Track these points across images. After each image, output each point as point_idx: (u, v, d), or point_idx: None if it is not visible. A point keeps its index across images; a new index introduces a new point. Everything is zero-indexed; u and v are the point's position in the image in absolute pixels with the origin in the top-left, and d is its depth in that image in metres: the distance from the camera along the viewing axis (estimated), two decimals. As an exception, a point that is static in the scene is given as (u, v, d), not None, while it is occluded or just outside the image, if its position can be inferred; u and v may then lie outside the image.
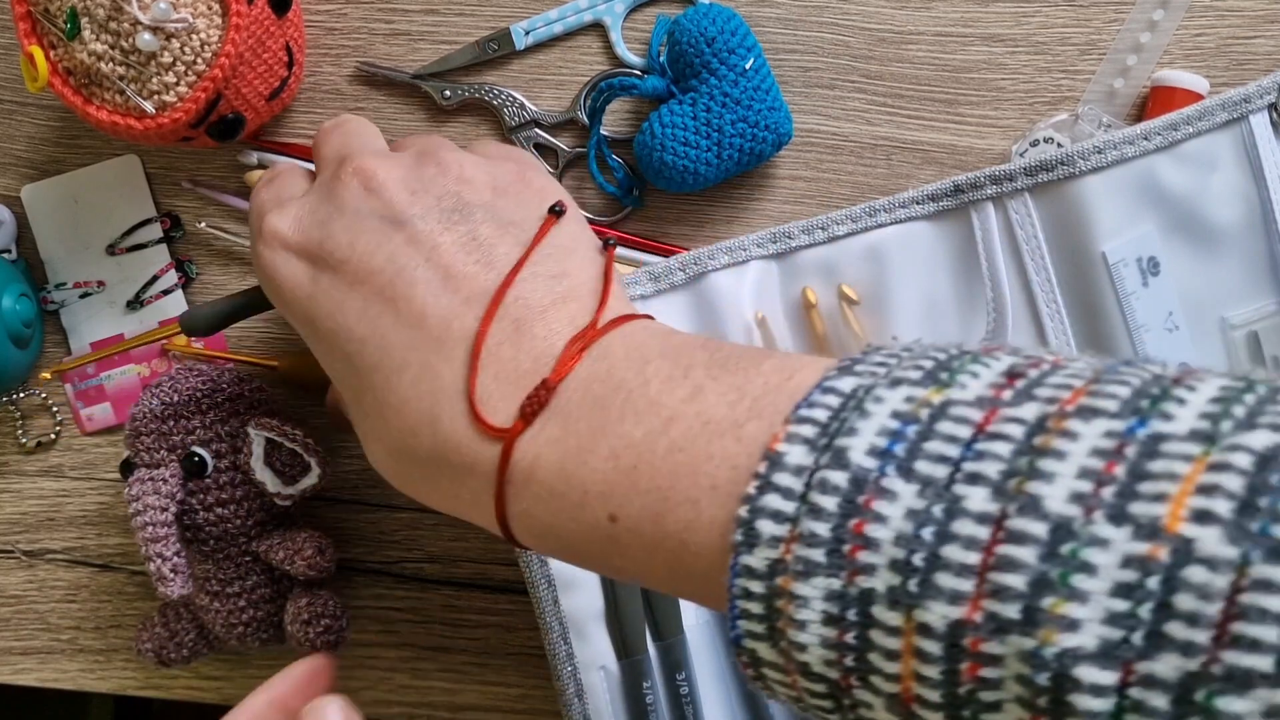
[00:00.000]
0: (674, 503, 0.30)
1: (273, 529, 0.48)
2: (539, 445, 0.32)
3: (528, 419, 0.32)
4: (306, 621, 0.47)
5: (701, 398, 0.30)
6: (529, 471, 0.32)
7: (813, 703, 0.28)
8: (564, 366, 0.33)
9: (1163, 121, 0.46)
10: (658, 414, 0.31)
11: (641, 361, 0.32)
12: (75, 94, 0.46)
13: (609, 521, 0.31)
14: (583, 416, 0.32)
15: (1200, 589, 0.22)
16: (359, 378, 0.35)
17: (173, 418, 0.46)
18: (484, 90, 0.51)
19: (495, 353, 0.34)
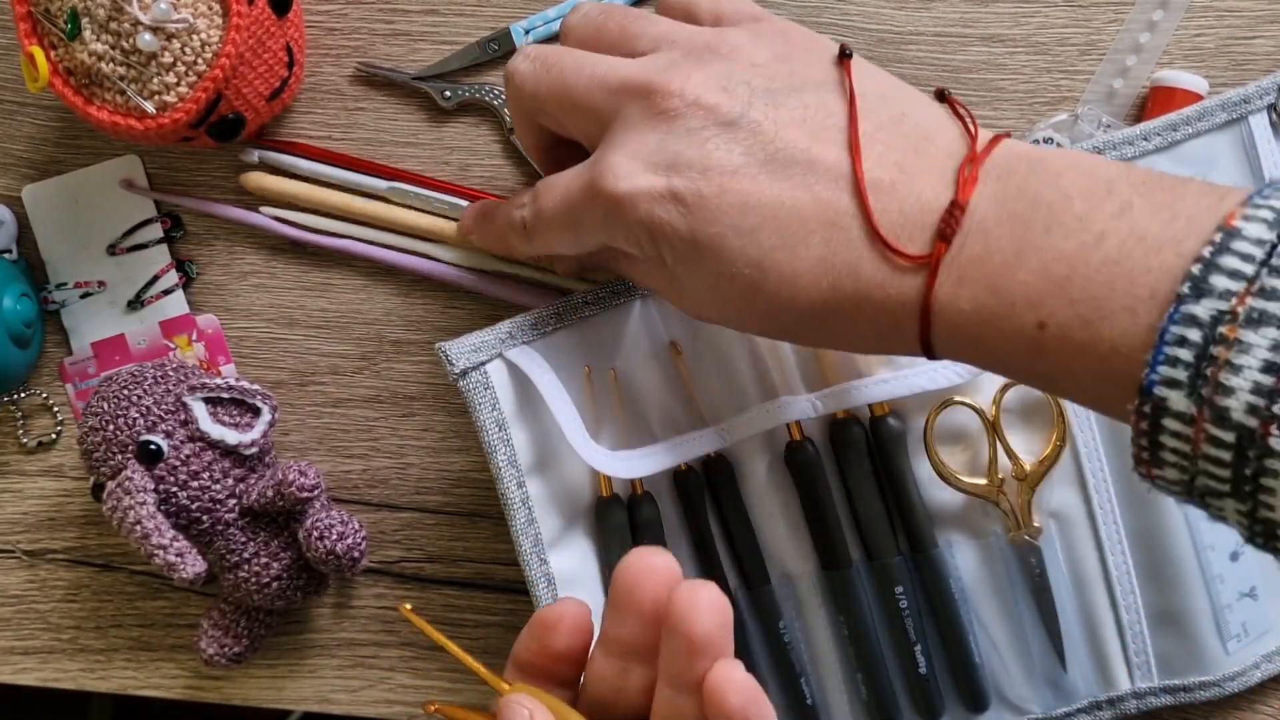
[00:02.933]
0: (1109, 310, 0.32)
1: (254, 481, 0.48)
2: (961, 265, 0.34)
3: (947, 239, 0.34)
4: (319, 538, 0.47)
5: (1132, 214, 0.32)
6: (954, 291, 0.34)
7: (1209, 453, 0.30)
8: (967, 187, 0.35)
9: (1162, 122, 0.47)
10: (1088, 229, 0.33)
11: (1053, 175, 0.34)
12: (76, 94, 0.46)
13: (1037, 329, 0.33)
14: (1003, 232, 0.34)
15: None
16: (756, 269, 0.37)
17: (111, 422, 0.46)
18: (483, 90, 0.51)
19: (891, 193, 0.36)
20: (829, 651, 0.49)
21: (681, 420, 0.48)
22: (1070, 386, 0.34)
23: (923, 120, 0.38)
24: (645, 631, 0.35)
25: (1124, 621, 0.48)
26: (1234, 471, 0.29)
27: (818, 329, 0.38)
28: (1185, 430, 0.30)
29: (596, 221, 0.40)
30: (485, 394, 0.45)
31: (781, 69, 0.39)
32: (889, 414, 0.48)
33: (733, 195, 0.37)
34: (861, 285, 0.36)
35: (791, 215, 0.36)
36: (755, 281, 0.37)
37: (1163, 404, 0.30)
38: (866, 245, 0.36)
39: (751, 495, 0.49)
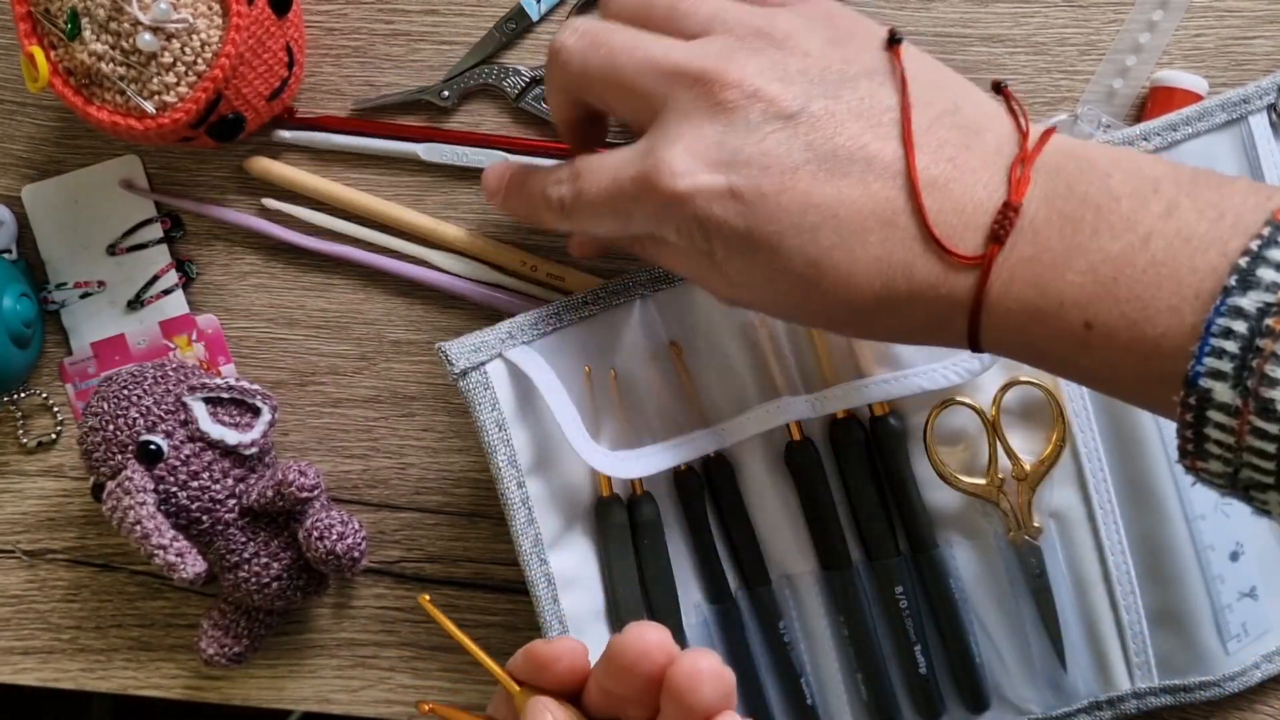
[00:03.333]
0: (1154, 310, 0.32)
1: (254, 481, 0.48)
2: (1011, 265, 0.35)
3: (1000, 240, 0.35)
4: (319, 538, 0.47)
5: (1179, 214, 0.32)
6: (1004, 290, 0.35)
7: (1254, 444, 0.30)
8: (1020, 187, 0.35)
9: (1161, 122, 0.47)
10: (1134, 230, 0.33)
11: (1101, 175, 0.34)
12: (76, 94, 0.46)
13: (1083, 328, 0.33)
14: (1053, 233, 0.34)
15: None
16: (813, 267, 0.37)
17: (111, 422, 0.46)
18: (477, 75, 0.51)
19: (945, 191, 0.36)
20: (829, 652, 0.49)
21: (681, 420, 0.48)
22: (1115, 384, 0.35)
23: (974, 113, 0.38)
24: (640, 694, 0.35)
25: (1124, 621, 0.48)
26: (1279, 462, 0.30)
27: (868, 323, 0.38)
28: (1230, 422, 0.30)
29: (648, 214, 0.39)
30: (485, 394, 0.45)
31: (834, 56, 0.38)
32: (889, 414, 0.48)
33: (794, 194, 0.36)
34: (915, 284, 0.36)
35: (851, 215, 0.36)
36: (811, 279, 0.37)
37: (1208, 396, 0.30)
38: (921, 245, 0.36)
39: (751, 495, 0.49)
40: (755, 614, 0.49)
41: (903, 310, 0.37)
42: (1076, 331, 0.34)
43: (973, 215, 0.35)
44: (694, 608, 0.49)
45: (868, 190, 0.36)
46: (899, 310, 0.37)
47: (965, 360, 0.46)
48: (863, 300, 0.37)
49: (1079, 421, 0.47)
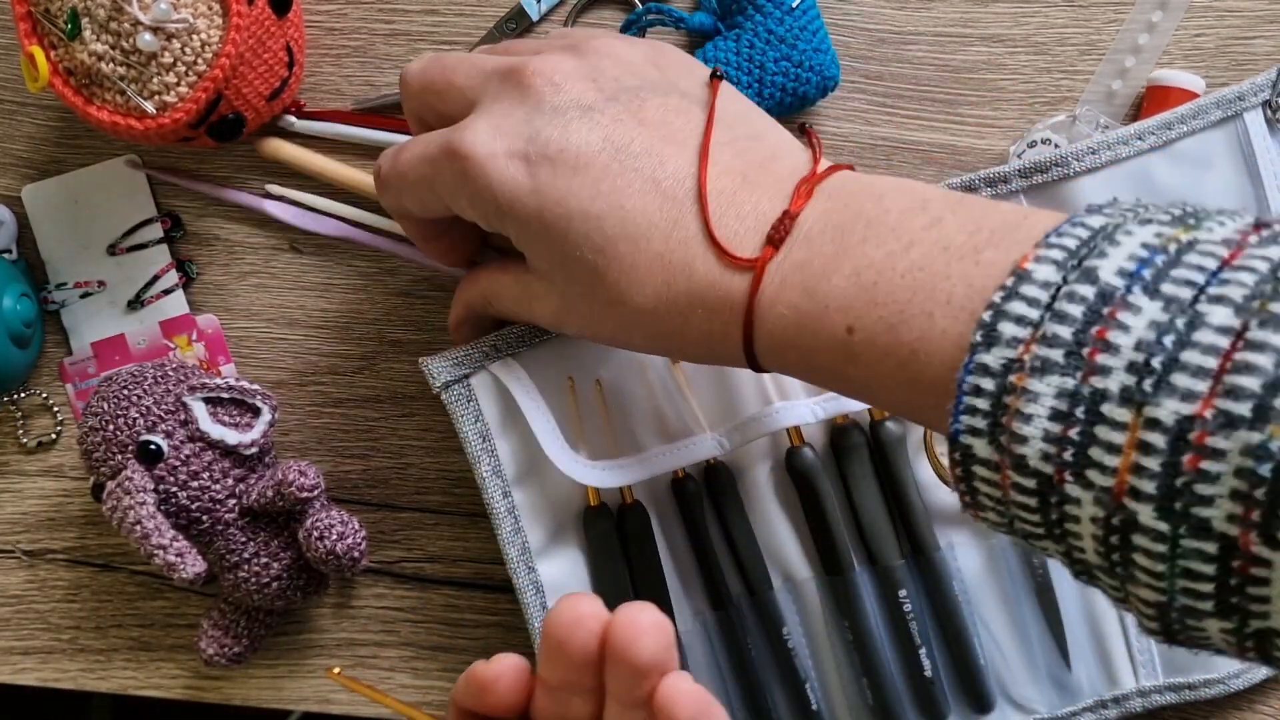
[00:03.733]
0: (909, 315, 0.32)
1: (254, 481, 0.48)
2: (785, 269, 0.36)
3: (776, 245, 0.36)
4: (319, 538, 0.47)
5: (940, 227, 0.33)
6: (775, 295, 0.36)
7: (1017, 499, 0.30)
8: (800, 201, 0.36)
9: (1157, 121, 0.46)
10: (898, 238, 0.34)
11: (877, 195, 0.36)
12: (76, 94, 0.46)
13: (846, 333, 0.34)
14: (826, 241, 0.35)
15: None
16: (599, 254, 0.38)
17: (111, 422, 0.46)
18: None
19: (731, 199, 0.37)
20: (833, 657, 0.49)
21: (674, 428, 0.48)
22: (881, 394, 0.35)
23: (774, 142, 0.39)
24: (582, 673, 0.35)
25: (1127, 620, 0.48)
26: (1043, 515, 0.30)
27: (655, 328, 0.38)
28: (993, 476, 0.30)
29: (448, 181, 0.40)
30: (468, 407, 0.45)
31: (653, 72, 0.41)
32: (889, 417, 0.48)
33: (585, 179, 0.38)
34: (694, 285, 0.37)
35: (637, 208, 0.37)
36: (599, 269, 0.38)
37: (970, 451, 0.30)
38: (702, 246, 0.37)
39: (752, 501, 0.49)
40: (758, 620, 0.49)
41: (683, 313, 0.38)
42: (840, 337, 0.34)
43: (753, 223, 0.37)
44: (696, 614, 0.49)
45: (657, 187, 0.38)
46: (681, 314, 0.38)
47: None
48: (644, 297, 0.38)
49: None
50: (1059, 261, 0.30)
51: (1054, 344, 0.29)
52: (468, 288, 0.46)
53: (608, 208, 0.38)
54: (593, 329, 0.41)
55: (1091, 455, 0.28)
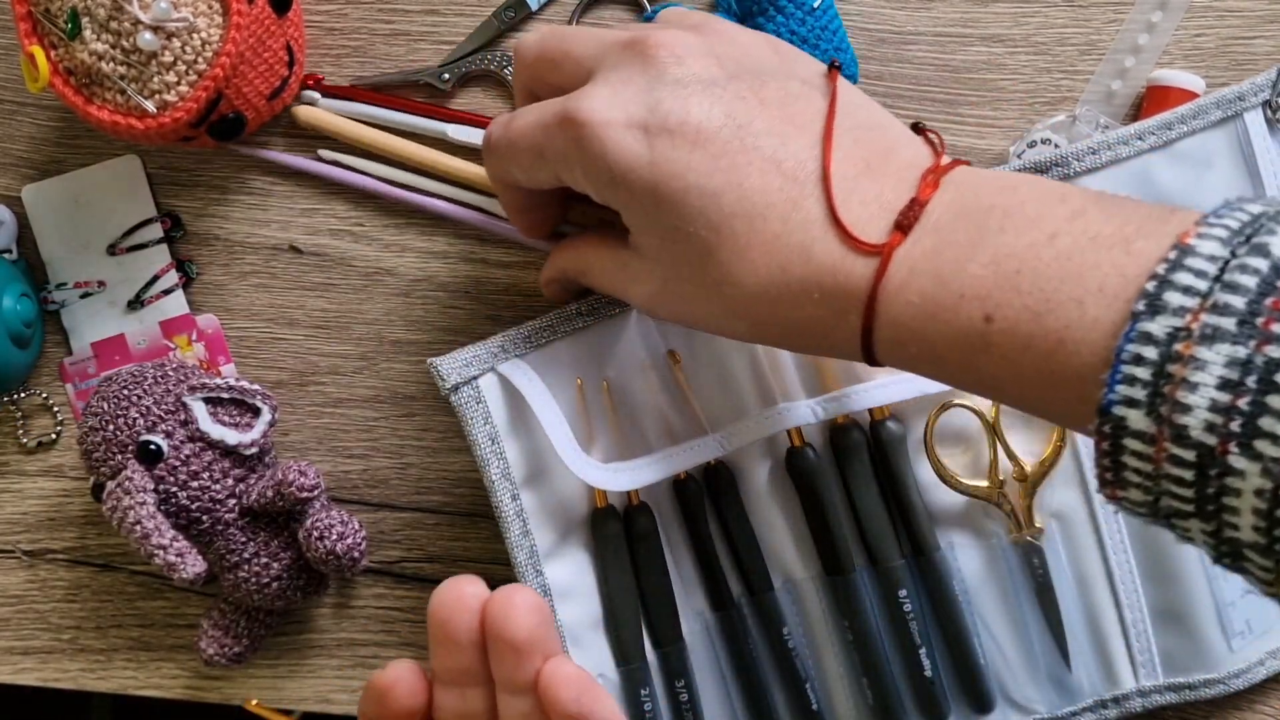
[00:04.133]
0: (1056, 303, 0.32)
1: (254, 481, 0.48)
2: (913, 258, 0.35)
3: (904, 230, 0.35)
4: (319, 538, 0.47)
5: (1085, 218, 0.33)
6: (903, 282, 0.35)
7: (1170, 472, 0.29)
8: (928, 189, 0.35)
9: (1157, 121, 0.47)
10: (1040, 228, 0.33)
11: (1010, 187, 0.35)
12: (76, 94, 0.46)
13: (983, 322, 0.33)
14: (958, 230, 0.34)
15: None
16: (713, 232, 0.37)
17: (111, 422, 0.46)
18: (476, 61, 0.51)
19: (855, 184, 0.36)
20: (834, 657, 0.49)
21: (678, 430, 0.48)
22: (1015, 388, 0.34)
23: (894, 134, 0.38)
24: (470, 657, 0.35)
25: (1128, 620, 0.48)
26: (1197, 491, 0.29)
27: (762, 313, 0.37)
28: (1146, 450, 0.30)
29: (560, 149, 0.39)
30: (477, 408, 0.45)
31: (771, 57, 0.40)
32: (889, 417, 0.48)
33: (703, 154, 0.37)
34: (812, 269, 0.36)
35: (756, 186, 0.36)
36: (710, 247, 0.37)
37: (1123, 423, 0.30)
38: (822, 228, 0.36)
39: (753, 502, 0.49)
40: (759, 620, 0.49)
41: (796, 298, 0.36)
42: (977, 327, 0.33)
43: (878, 210, 0.36)
44: (697, 615, 0.49)
45: (778, 167, 0.36)
46: (792, 298, 0.36)
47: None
48: (756, 280, 0.37)
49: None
50: (1223, 239, 0.30)
51: (1225, 313, 0.28)
52: (565, 254, 0.45)
53: (726, 184, 0.36)
54: (692, 312, 0.40)
55: (1262, 425, 0.27)
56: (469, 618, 0.35)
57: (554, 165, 0.40)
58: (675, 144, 0.37)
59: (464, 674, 0.36)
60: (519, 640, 0.34)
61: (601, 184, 0.39)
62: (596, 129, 0.38)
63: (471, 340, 0.46)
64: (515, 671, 0.35)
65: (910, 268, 0.34)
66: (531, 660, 0.35)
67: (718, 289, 0.38)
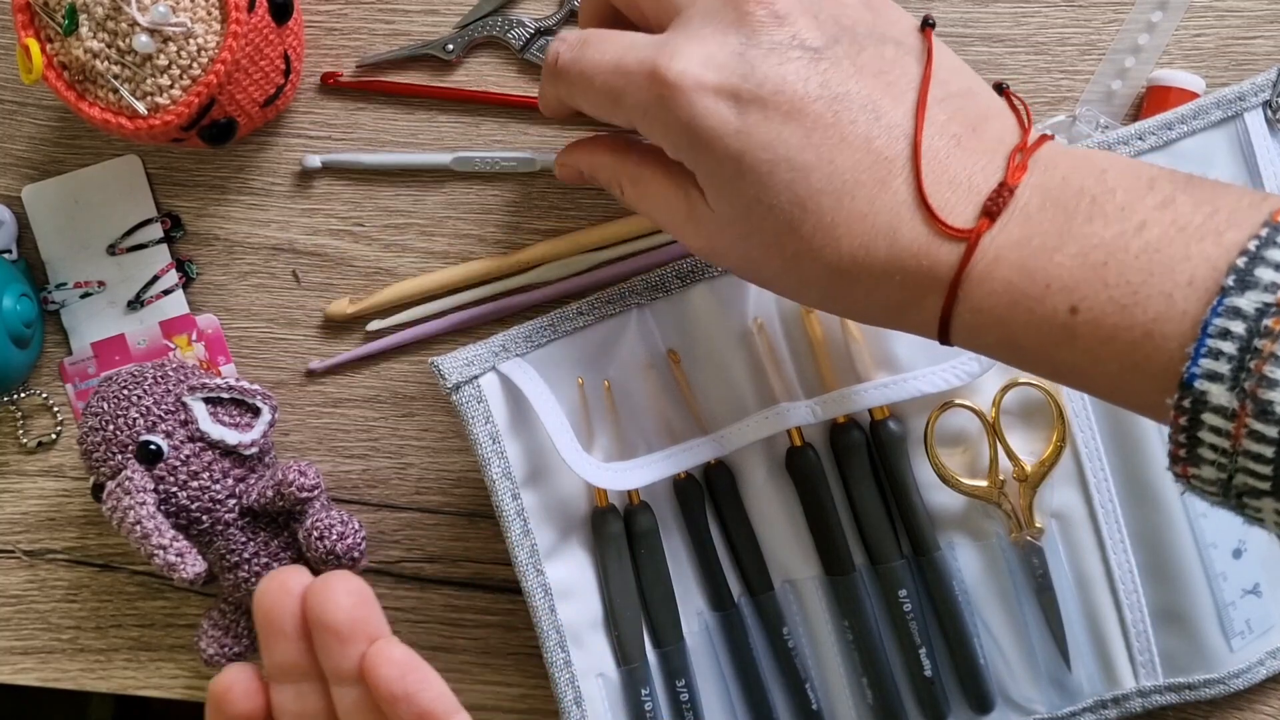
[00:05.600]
0: (1145, 295, 0.31)
1: (254, 481, 0.48)
2: (999, 245, 0.34)
3: (992, 217, 0.34)
4: (319, 538, 0.47)
5: (1174, 206, 0.32)
6: (988, 270, 0.34)
7: (1250, 449, 0.29)
8: (1017, 173, 0.35)
9: (1157, 121, 0.46)
10: (1128, 218, 0.32)
11: (1098, 171, 0.34)
12: (69, 89, 0.46)
13: (1068, 313, 0.33)
14: (1045, 218, 0.34)
15: None
16: (798, 207, 0.36)
17: (111, 422, 0.46)
18: (482, 28, 0.51)
19: (944, 164, 0.35)
20: (834, 656, 0.49)
21: (678, 429, 0.48)
22: (1095, 378, 0.34)
23: (986, 103, 0.37)
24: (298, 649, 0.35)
25: (1128, 620, 0.48)
26: (1276, 468, 0.29)
27: (838, 288, 0.37)
28: (1226, 425, 0.30)
29: (640, 101, 0.37)
30: (479, 408, 0.45)
31: (867, 15, 0.38)
32: (889, 417, 0.48)
33: (796, 127, 0.36)
34: (896, 251, 0.35)
35: (847, 163, 0.35)
36: (793, 221, 0.36)
37: (1203, 398, 0.30)
38: (910, 210, 0.35)
39: (753, 501, 0.49)
40: (759, 620, 0.49)
41: (876, 278, 0.36)
42: (1061, 318, 0.33)
43: (966, 193, 0.35)
44: (697, 615, 0.49)
45: (869, 145, 0.35)
46: (872, 277, 0.36)
47: (965, 363, 0.46)
48: (838, 257, 0.36)
49: (1079, 421, 0.47)
50: None
51: None
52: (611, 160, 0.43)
53: (817, 160, 0.35)
54: (760, 273, 0.39)
55: None
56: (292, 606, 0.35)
57: (629, 113, 0.38)
58: (768, 115, 0.36)
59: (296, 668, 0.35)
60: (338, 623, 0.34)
61: (682, 145, 0.37)
62: (686, 92, 0.36)
63: (472, 340, 0.46)
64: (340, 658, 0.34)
65: (996, 255, 0.34)
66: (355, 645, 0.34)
67: (795, 260, 0.37)
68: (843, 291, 0.37)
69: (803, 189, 0.36)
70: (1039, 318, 0.33)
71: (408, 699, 0.34)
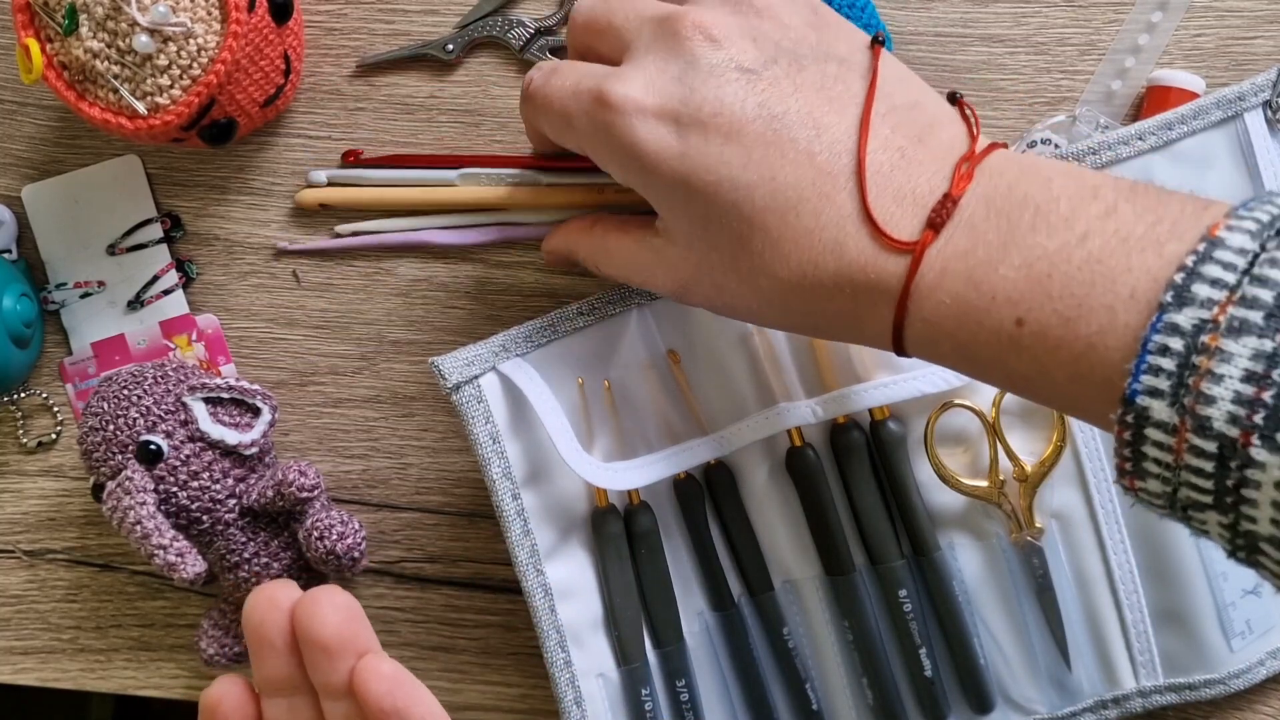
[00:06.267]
0: (1088, 309, 0.31)
1: (254, 481, 0.48)
2: (945, 257, 0.34)
3: (936, 229, 0.34)
4: (319, 538, 0.47)
5: (1117, 216, 0.32)
6: (935, 282, 0.34)
7: (1191, 463, 0.30)
8: (962, 183, 0.35)
9: (1157, 121, 0.46)
10: (1071, 228, 0.32)
11: (1044, 179, 0.34)
12: (69, 89, 0.46)
13: (1014, 325, 0.33)
14: (990, 229, 0.34)
15: None
16: (745, 224, 0.37)
17: (111, 422, 0.46)
18: (481, 28, 0.51)
19: (889, 177, 0.36)
20: (834, 656, 0.49)
21: (679, 430, 0.48)
22: (1044, 388, 0.34)
23: (933, 111, 0.38)
24: (288, 663, 0.35)
25: (1128, 620, 0.48)
26: (1216, 482, 0.29)
27: (794, 303, 0.37)
28: (1168, 440, 0.30)
29: (587, 125, 0.39)
30: (479, 408, 0.45)
31: (811, 35, 0.39)
32: (889, 418, 0.48)
33: (736, 147, 0.36)
34: (844, 265, 0.36)
35: (789, 180, 0.36)
36: (743, 238, 0.37)
37: (1145, 413, 0.30)
38: (855, 224, 0.36)
39: (753, 502, 0.49)
40: (759, 620, 0.49)
41: (829, 292, 0.36)
42: (1008, 329, 0.33)
43: (911, 205, 0.35)
44: (697, 615, 0.49)
45: (811, 160, 0.36)
46: (825, 291, 0.36)
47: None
48: (789, 272, 0.36)
49: (1079, 422, 0.47)
50: (1253, 231, 0.30)
51: (1253, 306, 0.28)
52: (581, 238, 0.45)
53: (758, 178, 0.36)
54: (725, 301, 0.39)
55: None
56: (281, 621, 0.35)
57: (580, 137, 0.40)
58: (708, 137, 0.37)
59: (286, 682, 0.36)
60: (326, 638, 0.34)
61: (630, 170, 0.38)
62: (627, 115, 0.37)
63: (471, 340, 0.46)
64: (329, 673, 0.35)
65: (942, 267, 0.34)
66: (344, 659, 0.35)
67: (751, 279, 0.37)
68: (800, 306, 0.37)
69: (748, 208, 0.36)
70: (987, 329, 0.33)
71: (397, 714, 0.35)
